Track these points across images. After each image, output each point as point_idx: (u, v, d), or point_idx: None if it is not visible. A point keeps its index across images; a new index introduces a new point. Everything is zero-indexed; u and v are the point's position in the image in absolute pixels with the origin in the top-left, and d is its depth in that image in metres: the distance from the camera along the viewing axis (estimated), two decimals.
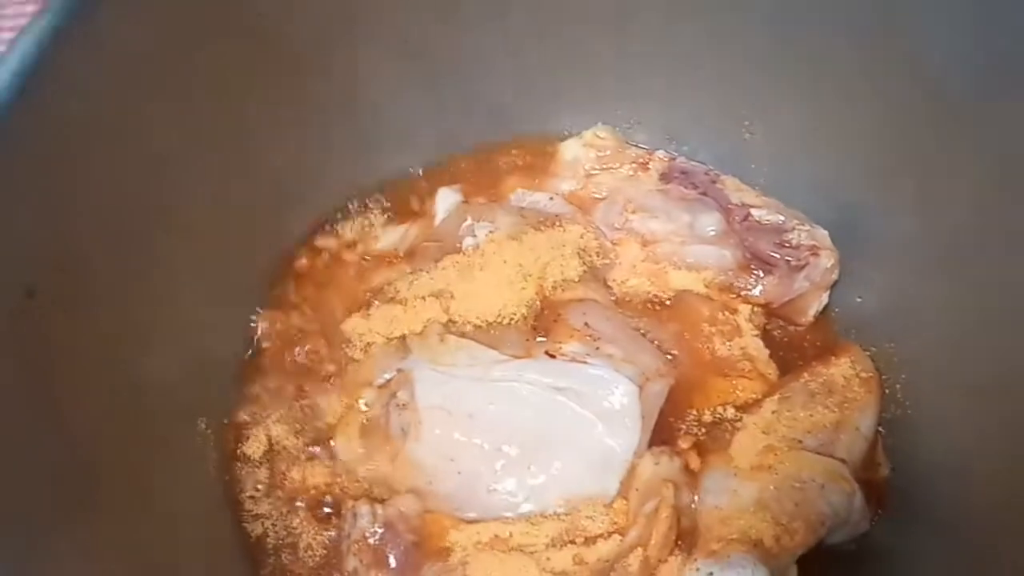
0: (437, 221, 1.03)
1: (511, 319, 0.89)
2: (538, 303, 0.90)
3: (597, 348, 0.86)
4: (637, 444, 0.83)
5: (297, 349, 0.97)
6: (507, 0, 0.98)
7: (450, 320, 0.90)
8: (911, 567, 0.83)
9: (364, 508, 0.83)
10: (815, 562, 0.81)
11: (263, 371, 0.97)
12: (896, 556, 0.85)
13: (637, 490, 0.81)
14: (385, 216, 1.06)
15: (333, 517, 0.87)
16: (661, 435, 0.86)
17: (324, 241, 1.04)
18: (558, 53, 1.03)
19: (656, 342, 0.91)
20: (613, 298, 0.95)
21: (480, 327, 0.89)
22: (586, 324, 0.87)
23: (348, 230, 1.05)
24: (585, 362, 0.85)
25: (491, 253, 0.93)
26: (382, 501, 0.85)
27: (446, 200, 1.04)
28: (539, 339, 0.87)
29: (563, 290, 0.91)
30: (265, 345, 0.98)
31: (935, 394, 0.88)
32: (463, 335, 0.88)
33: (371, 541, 0.82)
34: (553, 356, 0.85)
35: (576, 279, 0.92)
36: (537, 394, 0.84)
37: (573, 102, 1.08)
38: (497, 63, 1.03)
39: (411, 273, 0.96)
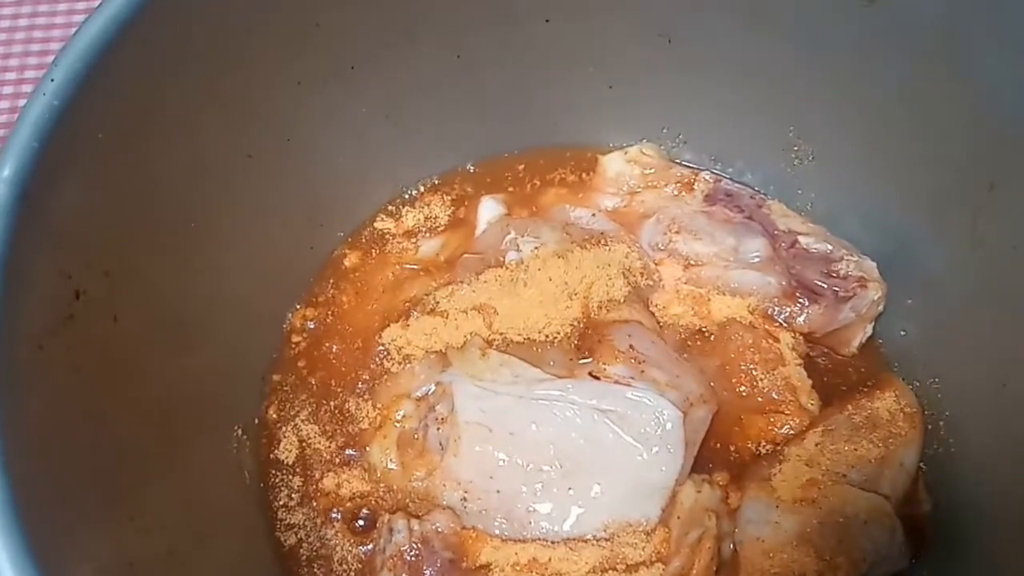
0: (478, 232, 1.02)
1: (555, 338, 0.88)
2: (582, 323, 0.89)
3: (642, 371, 0.85)
4: (679, 471, 0.82)
5: (327, 346, 0.97)
6: (558, 12, 0.97)
7: (492, 335, 0.89)
8: None
9: (400, 523, 0.83)
10: None
11: (291, 365, 0.96)
12: None
13: (679, 518, 0.80)
14: (449, 211, 1.06)
15: (370, 530, 0.86)
16: (700, 467, 0.86)
17: (384, 223, 1.05)
18: (607, 68, 1.02)
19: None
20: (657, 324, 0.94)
21: (523, 344, 0.88)
22: (631, 347, 0.86)
23: (410, 217, 1.05)
24: (629, 385, 0.84)
25: (536, 269, 0.92)
26: (419, 516, 0.84)
27: (489, 211, 1.03)
28: (583, 360, 0.87)
29: (608, 310, 0.90)
30: (296, 340, 0.98)
31: (979, 432, 0.87)
32: (505, 351, 0.87)
33: (407, 557, 0.81)
34: (597, 377, 0.85)
35: (621, 300, 0.91)
36: (580, 415, 0.83)
37: (619, 117, 1.07)
38: (546, 73, 1.02)
39: (451, 285, 0.95)
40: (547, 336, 0.88)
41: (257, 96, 0.85)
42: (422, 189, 1.07)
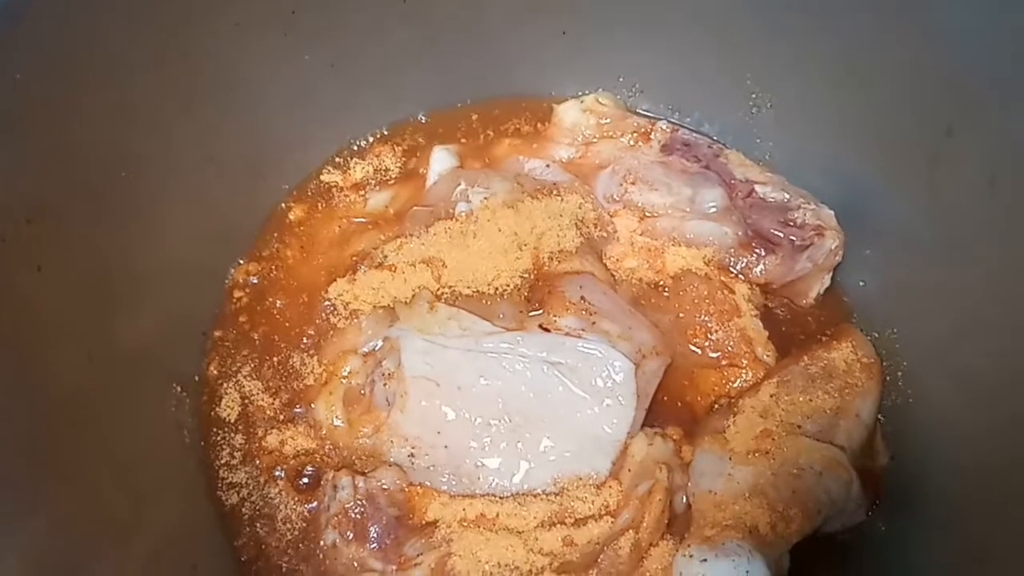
0: (429, 183, 0.99)
1: (505, 289, 0.85)
2: (533, 274, 0.86)
3: (593, 323, 0.82)
4: (631, 423, 0.80)
5: (271, 301, 0.94)
6: None
7: (441, 289, 0.86)
8: (905, 558, 0.82)
9: (345, 480, 0.80)
10: (808, 551, 0.79)
11: (233, 320, 0.94)
12: (890, 547, 0.83)
13: (630, 471, 0.78)
14: (400, 163, 1.03)
15: (315, 488, 0.83)
16: (652, 421, 0.84)
17: (331, 176, 1.02)
18: (561, 14, 0.99)
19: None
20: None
21: (472, 297, 0.85)
22: (582, 298, 0.84)
23: (358, 170, 1.02)
24: (580, 336, 0.81)
25: (485, 220, 0.89)
26: (364, 473, 0.81)
27: (440, 162, 1.00)
28: (533, 312, 0.84)
29: (559, 261, 0.88)
30: (238, 295, 0.95)
31: (937, 383, 0.86)
32: (454, 304, 0.84)
33: (352, 515, 0.79)
34: (547, 329, 0.82)
35: (573, 250, 0.88)
36: (530, 368, 0.81)
37: (574, 66, 1.05)
38: (499, 19, 0.99)
39: (400, 238, 0.92)
40: (497, 288, 0.85)
41: (192, 39, 0.82)
42: (371, 140, 1.04)
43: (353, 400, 0.85)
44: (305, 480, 0.84)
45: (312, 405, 0.87)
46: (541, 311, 0.84)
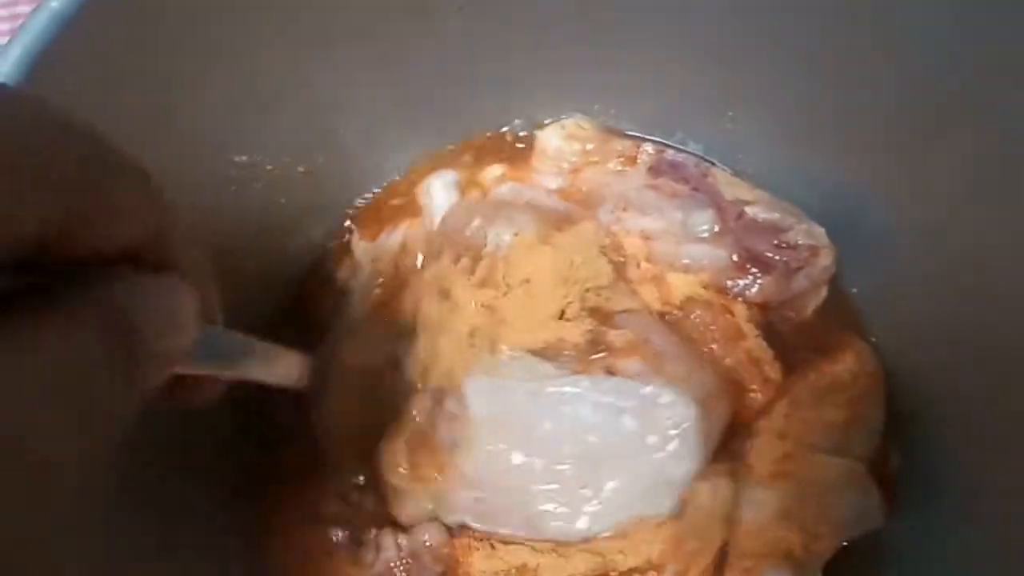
0: (435, 217, 0.99)
1: (563, 331, 0.85)
2: (587, 312, 0.87)
3: (659, 366, 0.83)
4: (697, 468, 0.81)
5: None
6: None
7: (497, 340, 0.86)
8: (926, 553, 0.84)
9: (388, 539, 0.82)
10: (832, 564, 0.82)
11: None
12: (910, 544, 0.86)
13: (689, 521, 0.81)
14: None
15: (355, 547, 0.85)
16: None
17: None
18: (527, 53, 0.98)
19: None
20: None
21: (532, 340, 0.85)
22: (647, 340, 0.85)
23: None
24: (648, 381, 0.82)
25: (521, 260, 0.88)
26: (406, 530, 0.83)
27: (439, 194, 1.00)
28: (595, 355, 0.84)
29: (607, 298, 0.88)
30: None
31: (939, 379, 0.88)
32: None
33: (397, 574, 0.81)
34: (613, 373, 0.83)
35: (608, 283, 0.89)
36: (596, 412, 0.81)
37: (546, 102, 1.05)
38: (461, 64, 0.98)
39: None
40: (554, 331, 0.85)
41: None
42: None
43: (417, 442, 0.84)
44: (341, 536, 0.85)
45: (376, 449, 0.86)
46: (605, 353, 0.85)
